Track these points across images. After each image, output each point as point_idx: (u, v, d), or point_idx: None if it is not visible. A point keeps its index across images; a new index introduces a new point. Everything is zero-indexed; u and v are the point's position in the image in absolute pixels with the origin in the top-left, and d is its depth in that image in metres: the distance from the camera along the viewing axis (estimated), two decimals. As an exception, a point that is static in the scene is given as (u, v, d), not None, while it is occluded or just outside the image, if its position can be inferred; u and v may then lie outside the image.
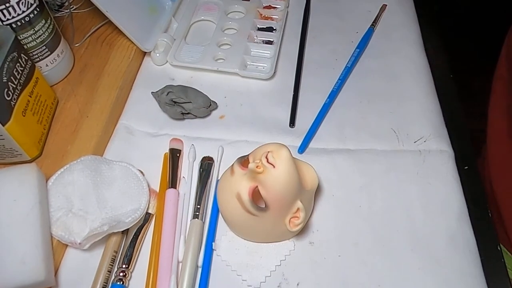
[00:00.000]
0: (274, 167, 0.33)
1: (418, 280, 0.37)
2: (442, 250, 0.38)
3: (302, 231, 0.39)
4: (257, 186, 0.34)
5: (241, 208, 0.34)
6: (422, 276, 0.37)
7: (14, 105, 0.38)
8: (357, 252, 0.38)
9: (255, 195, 0.34)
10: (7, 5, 0.39)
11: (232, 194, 0.35)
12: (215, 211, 0.40)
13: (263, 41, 0.54)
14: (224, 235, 0.38)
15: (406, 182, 0.42)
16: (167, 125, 0.47)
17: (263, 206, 0.34)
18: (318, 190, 0.40)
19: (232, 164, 0.36)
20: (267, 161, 0.33)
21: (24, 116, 0.39)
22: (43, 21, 0.44)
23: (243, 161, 0.36)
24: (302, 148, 0.44)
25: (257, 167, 0.33)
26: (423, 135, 0.45)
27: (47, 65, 0.46)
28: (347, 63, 0.51)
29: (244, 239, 0.38)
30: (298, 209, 0.34)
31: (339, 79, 0.49)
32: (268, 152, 0.34)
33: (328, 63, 0.52)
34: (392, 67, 0.52)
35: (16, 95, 0.39)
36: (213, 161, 0.43)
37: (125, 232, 0.38)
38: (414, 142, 0.45)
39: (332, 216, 0.40)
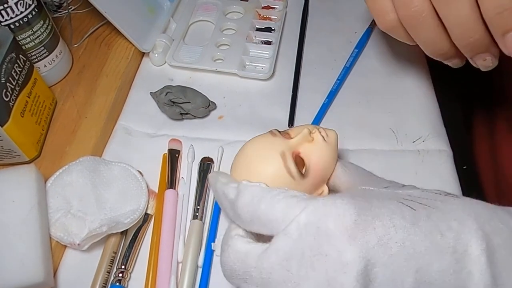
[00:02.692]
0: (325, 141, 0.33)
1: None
2: (441, 250, 0.38)
3: (301, 231, 0.39)
4: (299, 153, 0.33)
5: (283, 168, 0.32)
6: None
7: (13, 106, 0.38)
8: (356, 252, 0.38)
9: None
10: (5, 5, 0.39)
11: (275, 152, 0.33)
12: (216, 211, 0.40)
13: (261, 41, 0.54)
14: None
15: (404, 182, 0.42)
16: (165, 125, 0.47)
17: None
18: (317, 190, 0.40)
19: (270, 131, 0.35)
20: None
21: (22, 117, 0.39)
22: (42, 22, 0.44)
23: (280, 132, 0.35)
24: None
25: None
26: (422, 135, 0.45)
27: (45, 66, 0.46)
28: (346, 63, 0.51)
29: None
30: (323, 191, 0.34)
31: (337, 79, 0.49)
32: (320, 128, 0.34)
33: (326, 63, 0.52)
34: (390, 66, 0.52)
35: (15, 96, 0.39)
36: (213, 162, 0.43)
37: (124, 232, 0.38)
38: (413, 142, 0.45)
39: (331, 216, 0.40)
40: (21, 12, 0.41)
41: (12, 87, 0.38)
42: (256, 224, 0.28)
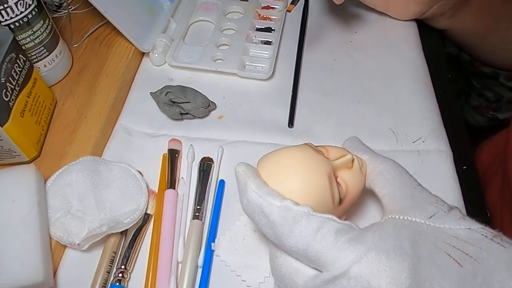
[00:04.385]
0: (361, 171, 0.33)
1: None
2: (441, 250, 0.38)
3: (301, 231, 0.39)
4: (337, 177, 0.32)
5: (328, 191, 0.31)
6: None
7: (12, 106, 0.38)
8: (356, 252, 0.38)
9: None
10: (5, 5, 0.39)
11: (322, 173, 0.31)
12: (216, 211, 0.40)
13: (261, 41, 0.54)
14: (223, 235, 0.38)
15: (404, 182, 0.42)
16: (165, 125, 0.47)
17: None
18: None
19: (306, 144, 0.34)
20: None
21: (22, 117, 0.39)
22: (42, 22, 0.44)
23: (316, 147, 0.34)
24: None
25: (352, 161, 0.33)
26: (422, 135, 0.45)
27: (45, 66, 0.46)
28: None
29: (243, 239, 0.38)
30: (345, 219, 0.33)
31: None
32: (355, 155, 0.34)
33: (326, 63, 0.52)
34: (390, 67, 0.52)
35: (14, 96, 0.39)
36: (213, 162, 0.43)
37: (124, 232, 0.38)
38: (413, 143, 0.45)
39: (331, 216, 0.40)
40: (21, 12, 0.41)
41: (12, 87, 0.38)
42: (301, 258, 0.28)
